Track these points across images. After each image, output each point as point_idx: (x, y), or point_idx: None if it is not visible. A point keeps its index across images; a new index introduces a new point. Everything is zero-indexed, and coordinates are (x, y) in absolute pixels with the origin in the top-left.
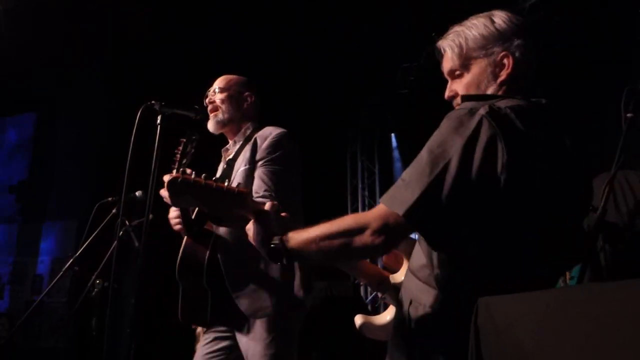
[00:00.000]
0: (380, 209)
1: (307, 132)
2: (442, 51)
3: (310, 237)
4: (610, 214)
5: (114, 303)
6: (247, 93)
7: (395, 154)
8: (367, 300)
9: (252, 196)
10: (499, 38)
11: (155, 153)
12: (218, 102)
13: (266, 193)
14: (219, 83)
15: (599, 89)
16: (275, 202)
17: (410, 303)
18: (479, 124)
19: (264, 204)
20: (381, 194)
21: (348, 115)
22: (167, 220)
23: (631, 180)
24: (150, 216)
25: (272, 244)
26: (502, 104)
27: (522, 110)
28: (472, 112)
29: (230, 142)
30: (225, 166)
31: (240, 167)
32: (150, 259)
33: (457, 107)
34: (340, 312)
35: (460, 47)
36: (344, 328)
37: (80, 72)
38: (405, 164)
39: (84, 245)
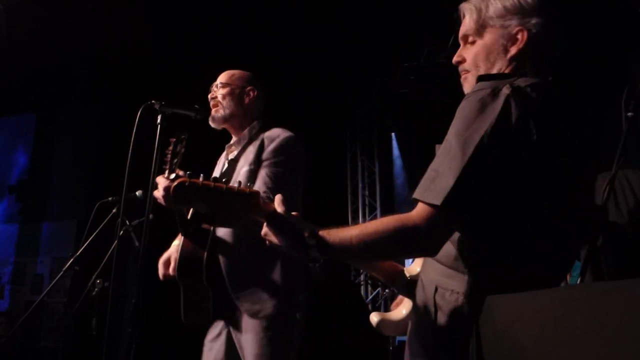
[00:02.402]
0: (420, 207)
1: (306, 132)
2: (462, 15)
3: (351, 235)
4: (610, 214)
5: (114, 303)
6: (249, 87)
7: (396, 153)
8: (368, 299)
9: (261, 197)
10: (519, 12)
11: (155, 152)
12: (219, 97)
13: (264, 195)
14: (221, 78)
15: (599, 89)
16: (282, 198)
17: (436, 290)
18: (506, 103)
19: (273, 204)
20: (381, 194)
21: (348, 114)
22: (167, 220)
23: (632, 180)
24: (150, 216)
25: (307, 243)
26: (520, 82)
27: (541, 87)
28: (495, 92)
29: (235, 138)
30: (226, 165)
31: (243, 168)
32: (150, 259)
33: (473, 89)
34: (340, 313)
35: (479, 11)
36: (343, 328)
37: (80, 71)
38: (406, 163)
39: (84, 245)
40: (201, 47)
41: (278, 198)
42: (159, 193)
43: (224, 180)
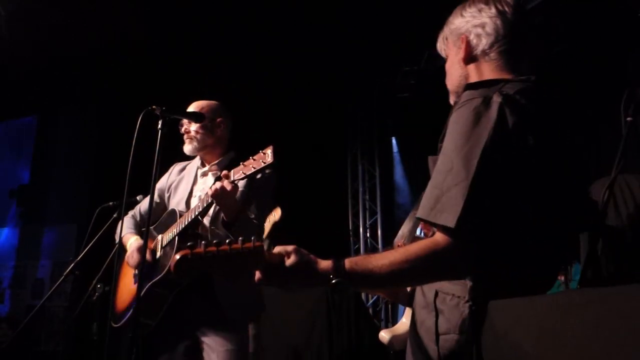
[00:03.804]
0: (437, 234)
1: (307, 135)
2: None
3: (381, 265)
4: (610, 218)
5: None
6: (219, 119)
7: (396, 157)
8: (368, 304)
9: (264, 249)
10: (463, 22)
11: (156, 157)
12: (193, 133)
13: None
14: (208, 112)
15: (598, 93)
16: (280, 246)
17: (437, 295)
18: (500, 112)
19: (271, 253)
20: (381, 197)
21: (348, 118)
22: None
23: (631, 184)
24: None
25: (334, 277)
26: (508, 89)
27: (528, 93)
28: (486, 101)
29: (208, 165)
30: (205, 184)
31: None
32: None
33: (462, 98)
34: (341, 316)
35: (445, 31)
36: (344, 332)
37: (81, 76)
38: (406, 167)
39: (85, 250)
40: (201, 47)
41: (279, 247)
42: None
43: (227, 241)
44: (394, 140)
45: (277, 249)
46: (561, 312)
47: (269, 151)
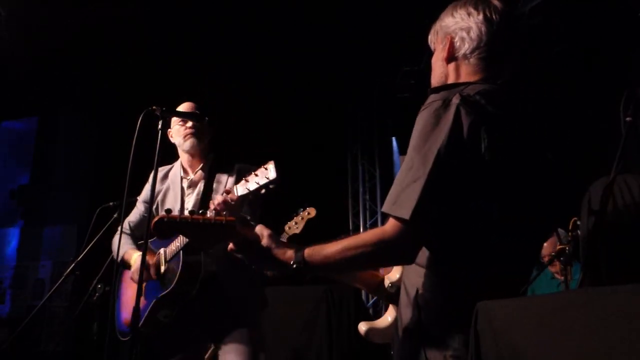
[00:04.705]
0: (392, 221)
1: (307, 135)
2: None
3: (334, 251)
4: (609, 218)
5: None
6: (207, 120)
7: (396, 157)
8: (369, 304)
9: (237, 224)
10: (451, 22)
11: (156, 158)
12: (196, 130)
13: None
14: (194, 109)
15: (597, 93)
16: (261, 225)
17: (417, 292)
18: (457, 112)
19: (251, 229)
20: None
21: (349, 118)
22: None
23: (631, 185)
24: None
25: (294, 263)
26: (469, 90)
27: (489, 94)
28: (445, 103)
29: (190, 172)
30: (199, 195)
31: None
32: None
33: (426, 101)
34: (341, 316)
35: (434, 30)
36: (344, 332)
37: (82, 77)
38: None
39: (86, 250)
40: (201, 47)
41: (259, 227)
42: None
43: (200, 211)
44: (394, 140)
45: (257, 229)
46: (560, 311)
47: (270, 166)
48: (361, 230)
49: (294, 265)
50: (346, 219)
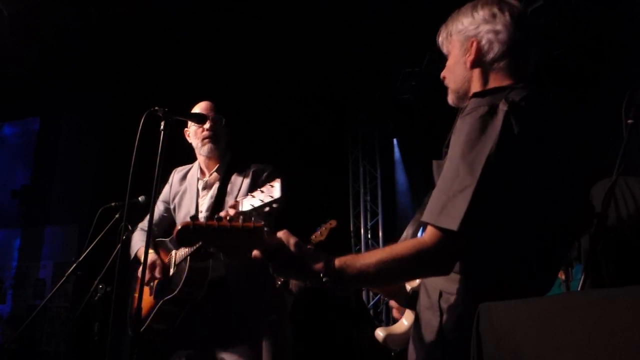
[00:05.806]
0: (432, 231)
1: (309, 137)
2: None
3: (369, 264)
4: (611, 220)
5: (116, 308)
6: (224, 120)
7: (397, 158)
8: (369, 305)
9: (265, 229)
10: (472, 24)
11: (158, 158)
12: (216, 132)
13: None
14: (214, 111)
15: (600, 95)
16: (286, 231)
17: (441, 295)
18: (506, 120)
19: (274, 236)
20: (383, 199)
21: (349, 120)
22: None
23: (632, 186)
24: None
25: (325, 275)
26: (513, 96)
27: (531, 99)
28: (492, 109)
29: (207, 172)
30: (213, 198)
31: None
32: None
33: (469, 106)
34: (341, 316)
35: (448, 30)
36: (345, 332)
37: (83, 77)
38: (407, 168)
39: (87, 250)
40: (203, 49)
41: (284, 233)
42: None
43: (227, 217)
44: (395, 142)
45: (281, 235)
46: (562, 313)
47: (277, 184)
48: (362, 231)
49: (325, 278)
50: (347, 220)
